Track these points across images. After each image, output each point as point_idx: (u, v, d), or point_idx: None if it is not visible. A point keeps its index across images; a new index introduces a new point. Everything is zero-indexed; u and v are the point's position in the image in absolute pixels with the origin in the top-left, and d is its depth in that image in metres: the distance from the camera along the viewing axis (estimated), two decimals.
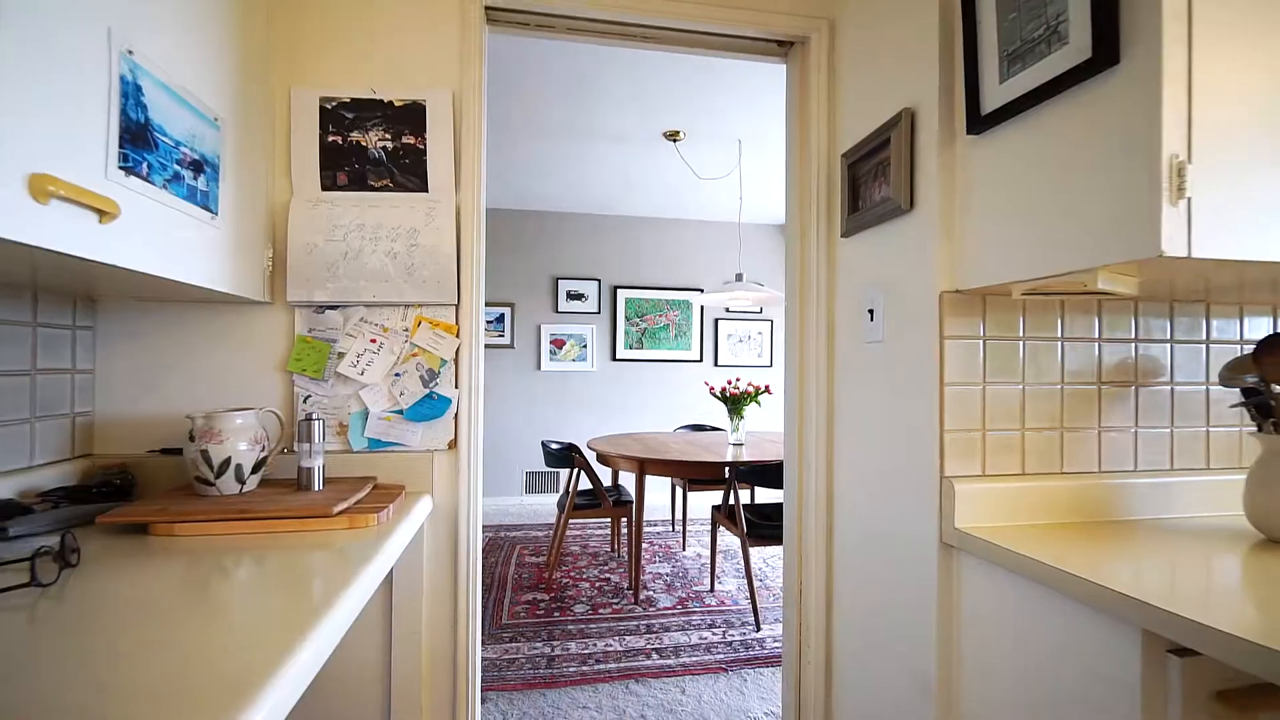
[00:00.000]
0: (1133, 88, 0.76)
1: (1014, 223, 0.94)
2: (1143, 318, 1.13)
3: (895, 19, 1.20)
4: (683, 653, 2.45)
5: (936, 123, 1.07)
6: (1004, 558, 0.92)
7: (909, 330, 1.13)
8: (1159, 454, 1.13)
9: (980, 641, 0.99)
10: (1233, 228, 0.73)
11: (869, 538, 1.27)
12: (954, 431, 1.05)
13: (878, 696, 1.23)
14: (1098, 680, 0.78)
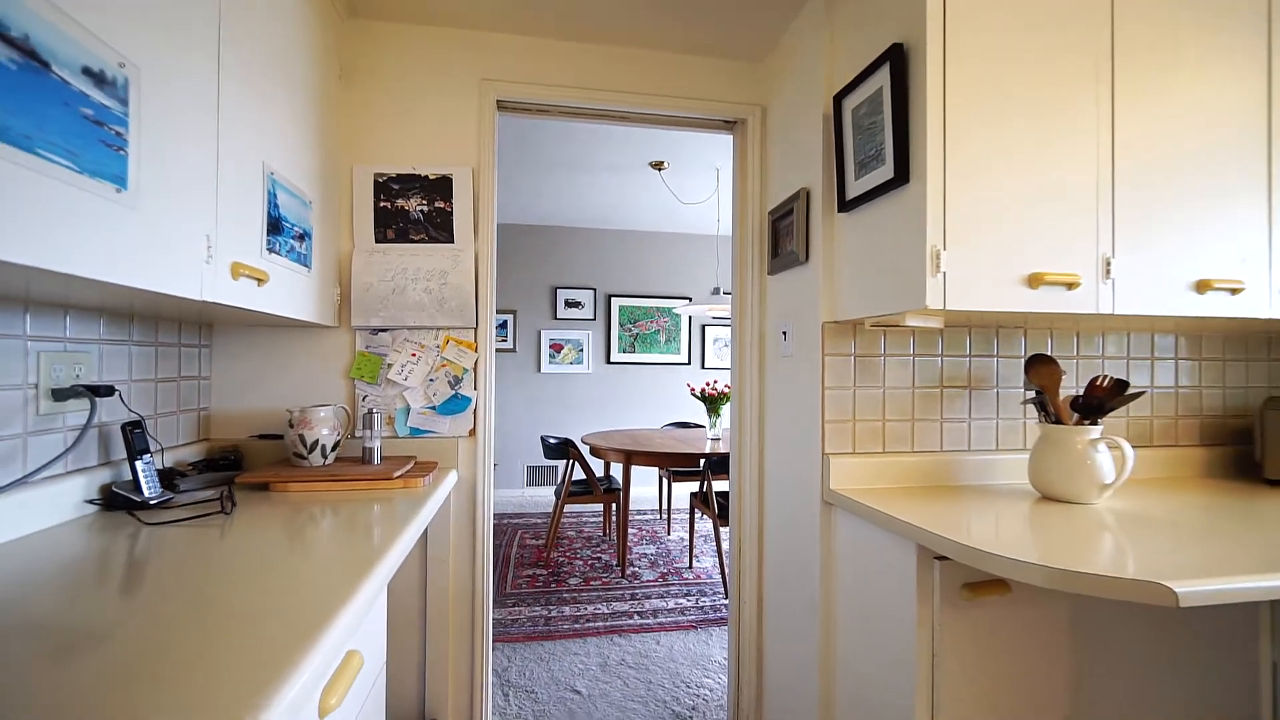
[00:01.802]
0: (915, 199, 1.18)
1: (861, 276, 1.36)
2: (969, 339, 1.56)
3: (800, 121, 1.63)
4: (660, 615, 2.88)
5: (822, 200, 1.50)
6: (857, 508, 1.34)
7: (805, 348, 1.56)
8: (987, 438, 1.56)
9: (845, 568, 1.41)
10: (967, 290, 1.15)
11: (783, 504, 1.69)
12: (832, 421, 1.48)
13: (790, 623, 1.65)
14: (897, 579, 1.21)
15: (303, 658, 0.58)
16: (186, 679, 0.54)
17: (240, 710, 0.49)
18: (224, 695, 0.51)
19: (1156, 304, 1.25)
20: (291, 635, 0.63)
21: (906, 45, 1.21)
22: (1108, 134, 1.23)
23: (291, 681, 0.54)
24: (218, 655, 0.59)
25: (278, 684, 0.53)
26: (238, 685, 0.53)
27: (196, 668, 0.56)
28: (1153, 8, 1.25)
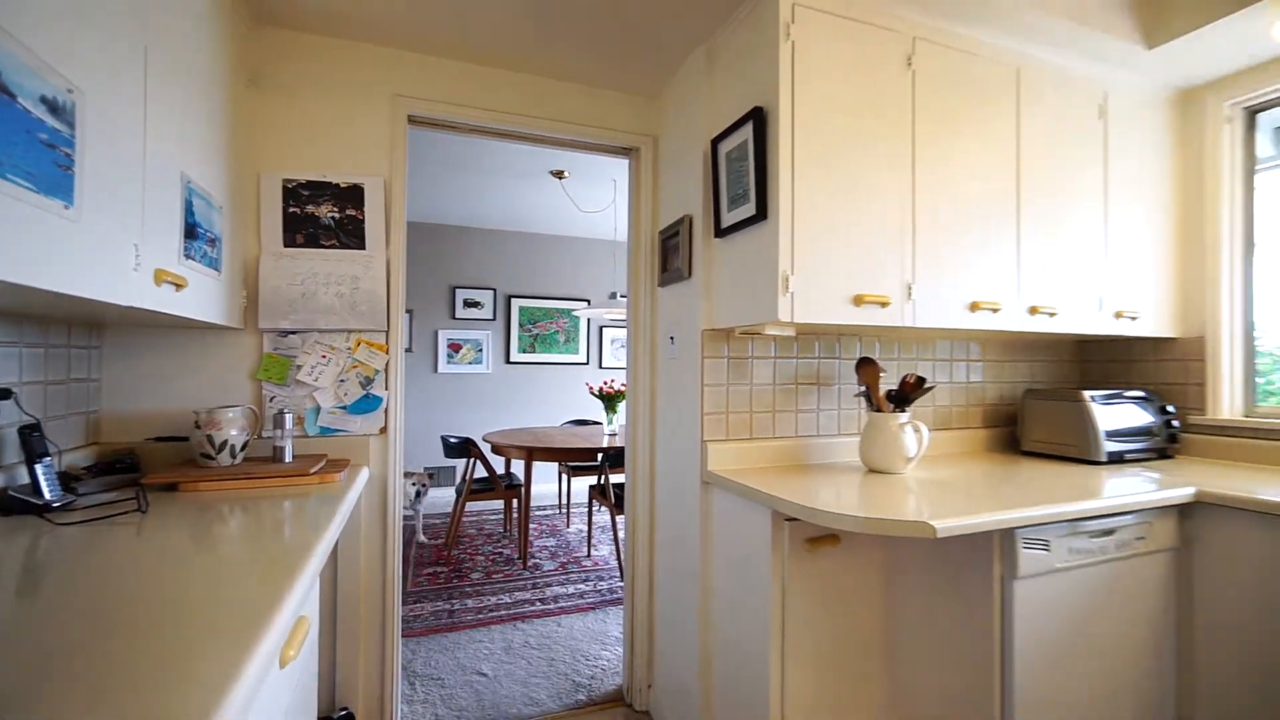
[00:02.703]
0: (770, 233, 1.48)
1: (732, 292, 1.65)
2: (817, 344, 1.92)
3: (685, 156, 1.89)
4: (561, 600, 3.06)
5: (702, 226, 1.77)
6: (729, 485, 1.62)
7: (689, 351, 1.83)
8: (831, 424, 1.92)
9: (719, 536, 1.69)
10: (810, 307, 1.47)
11: (671, 486, 1.95)
12: (710, 414, 1.76)
13: (676, 589, 1.91)
14: (757, 539, 1.50)
15: (276, 615, 0.72)
16: (187, 645, 0.67)
17: (240, 651, 0.62)
18: (224, 644, 0.64)
19: (944, 319, 1.65)
20: (261, 602, 0.75)
21: (765, 108, 1.50)
22: (910, 188, 1.60)
23: (271, 634, 0.68)
24: (207, 625, 0.71)
25: (261, 636, 0.66)
26: (235, 638, 0.66)
27: (193, 636, 0.69)
28: (939, 95, 1.64)
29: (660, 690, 2.01)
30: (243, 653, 0.62)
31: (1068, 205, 1.84)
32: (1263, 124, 1.97)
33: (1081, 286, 1.86)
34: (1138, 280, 1.97)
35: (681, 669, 1.84)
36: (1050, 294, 1.80)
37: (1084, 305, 1.86)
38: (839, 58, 1.53)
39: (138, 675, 0.57)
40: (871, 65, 1.56)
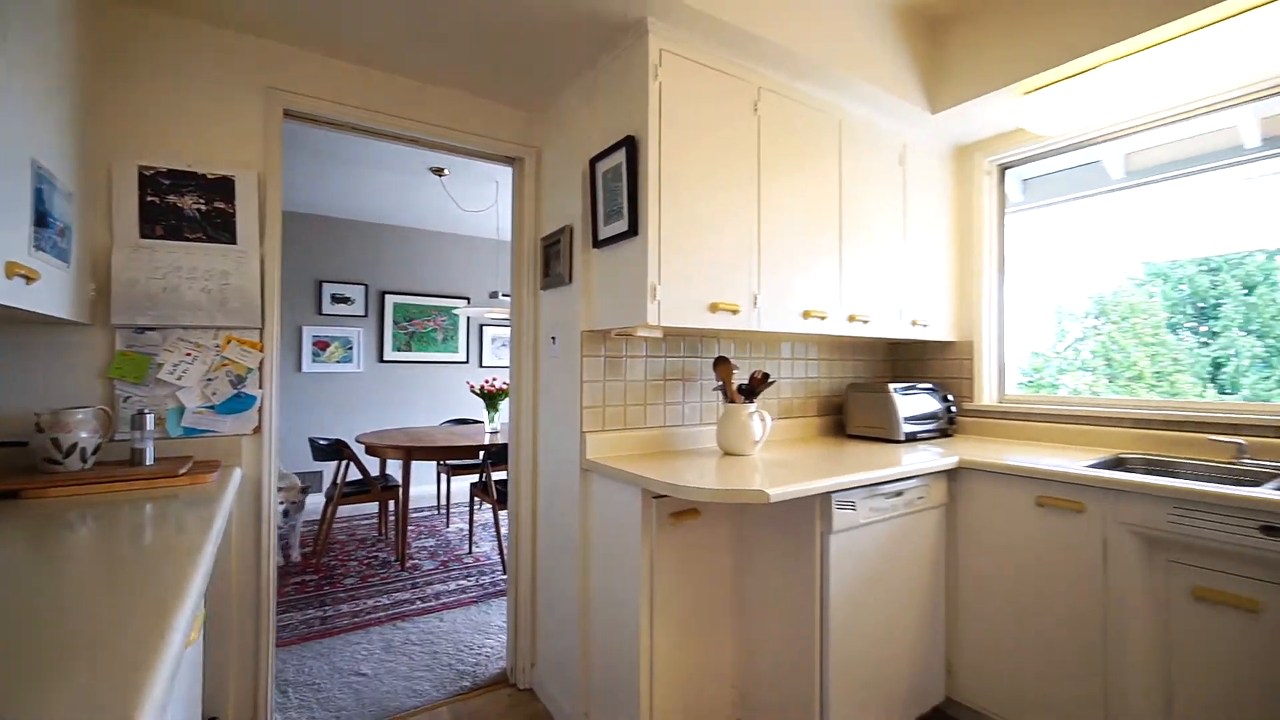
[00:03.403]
0: (640, 247, 1.69)
1: (608, 297, 1.85)
2: (683, 344, 2.18)
3: (567, 171, 2.06)
4: (443, 596, 3.09)
5: (581, 237, 1.95)
6: (606, 470, 1.81)
7: (569, 351, 2.00)
8: (694, 415, 2.19)
9: (597, 517, 1.88)
10: (674, 313, 1.71)
11: (553, 475, 2.11)
12: (589, 407, 1.94)
13: (559, 572, 2.07)
14: (629, 516, 1.71)
15: (184, 603, 0.77)
16: (119, 631, 0.72)
17: (159, 633, 0.69)
18: (147, 625, 0.70)
19: (783, 324, 1.97)
20: (168, 595, 0.77)
21: (636, 138, 1.72)
22: (756, 213, 1.90)
23: (182, 617, 0.73)
24: (122, 618, 0.75)
25: (176, 622, 0.71)
26: (154, 621, 0.72)
27: (116, 625, 0.73)
28: (780, 137, 1.97)
29: (543, 667, 2.16)
30: (143, 677, 0.57)
31: (877, 233, 2.27)
32: (1011, 177, 2.56)
33: (888, 299, 2.30)
34: (928, 295, 2.47)
35: (563, 643, 2.01)
36: (865, 305, 2.21)
37: (890, 314, 2.31)
38: (699, 99, 1.78)
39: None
40: (726, 107, 1.84)
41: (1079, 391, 2.52)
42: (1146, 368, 2.44)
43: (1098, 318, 2.58)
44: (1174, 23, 1.66)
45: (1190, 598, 1.50)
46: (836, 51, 1.96)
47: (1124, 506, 1.59)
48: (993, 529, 1.88)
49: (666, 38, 1.71)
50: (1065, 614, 1.70)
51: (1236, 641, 1.43)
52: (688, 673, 1.76)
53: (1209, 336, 2.35)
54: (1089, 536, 1.65)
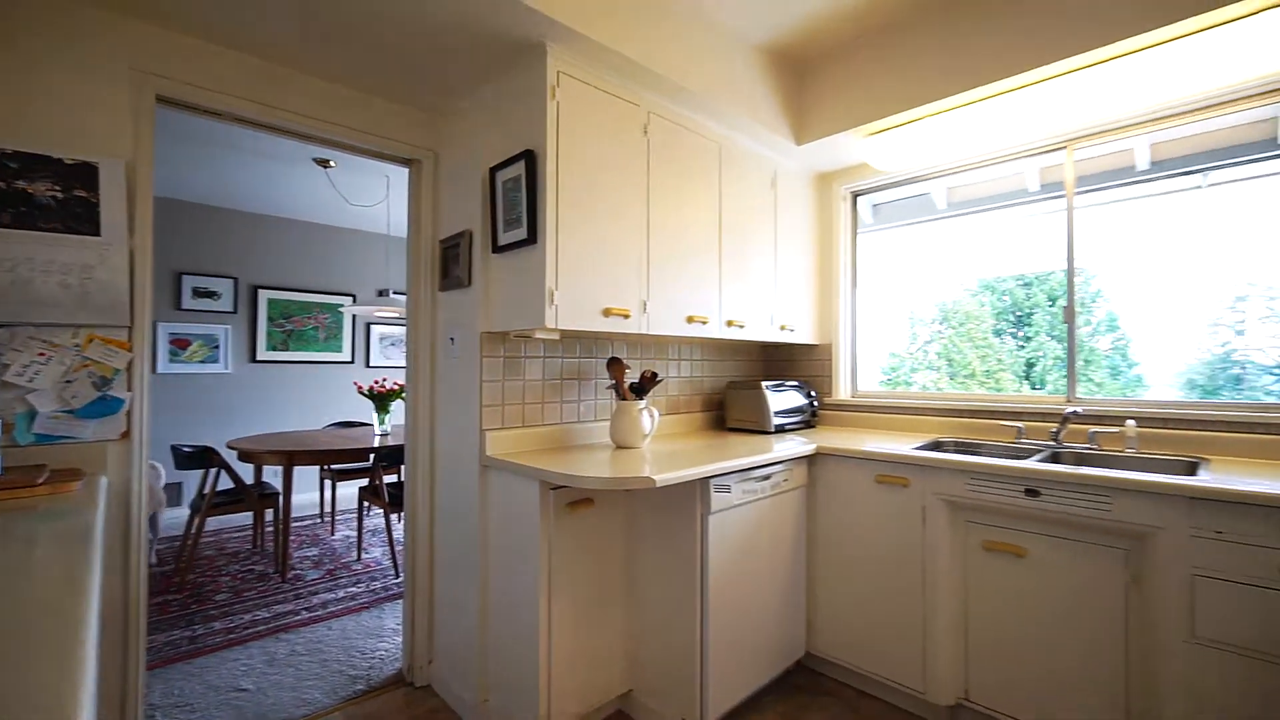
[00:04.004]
0: (539, 255, 1.81)
1: (508, 301, 1.94)
2: (579, 346, 2.32)
3: (467, 176, 2.12)
4: (330, 605, 2.98)
5: (480, 241, 2.03)
6: (505, 465, 1.91)
7: (469, 351, 2.07)
8: (590, 412, 2.34)
9: (496, 510, 1.97)
10: (570, 317, 1.84)
11: (452, 472, 2.16)
12: (489, 406, 2.02)
13: (457, 567, 2.13)
14: (529, 507, 1.82)
15: (85, 644, 0.79)
16: None
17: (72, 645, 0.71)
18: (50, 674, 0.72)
19: (670, 328, 2.18)
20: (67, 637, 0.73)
21: (535, 151, 1.83)
22: (645, 227, 2.09)
23: (89, 633, 0.74)
24: None
25: (84, 639, 0.73)
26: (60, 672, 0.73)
27: None
28: (667, 158, 2.17)
29: (441, 662, 2.20)
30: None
31: (752, 248, 2.55)
32: (863, 202, 2.97)
33: (761, 307, 2.59)
34: (795, 304, 2.81)
35: (462, 636, 2.07)
36: (741, 312, 2.48)
37: (762, 321, 2.60)
38: (594, 119, 1.93)
39: None
40: (619, 128, 2.01)
41: (927, 387, 2.98)
42: (978, 367, 2.94)
43: (941, 323, 3.06)
44: (978, 89, 2.07)
45: (981, 548, 1.89)
46: (719, 87, 2.20)
47: (937, 480, 1.96)
48: (843, 503, 2.21)
49: (564, 61, 1.84)
50: (895, 568, 2.05)
51: (1011, 578, 1.83)
52: (583, 652, 1.90)
53: (1024, 340, 2.89)
54: (912, 504, 2.01)
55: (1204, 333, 2.25)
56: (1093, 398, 2.27)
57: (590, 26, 1.77)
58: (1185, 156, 2.22)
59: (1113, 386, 2.49)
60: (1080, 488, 1.68)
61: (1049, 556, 1.76)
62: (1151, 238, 2.32)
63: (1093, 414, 2.17)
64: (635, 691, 2.02)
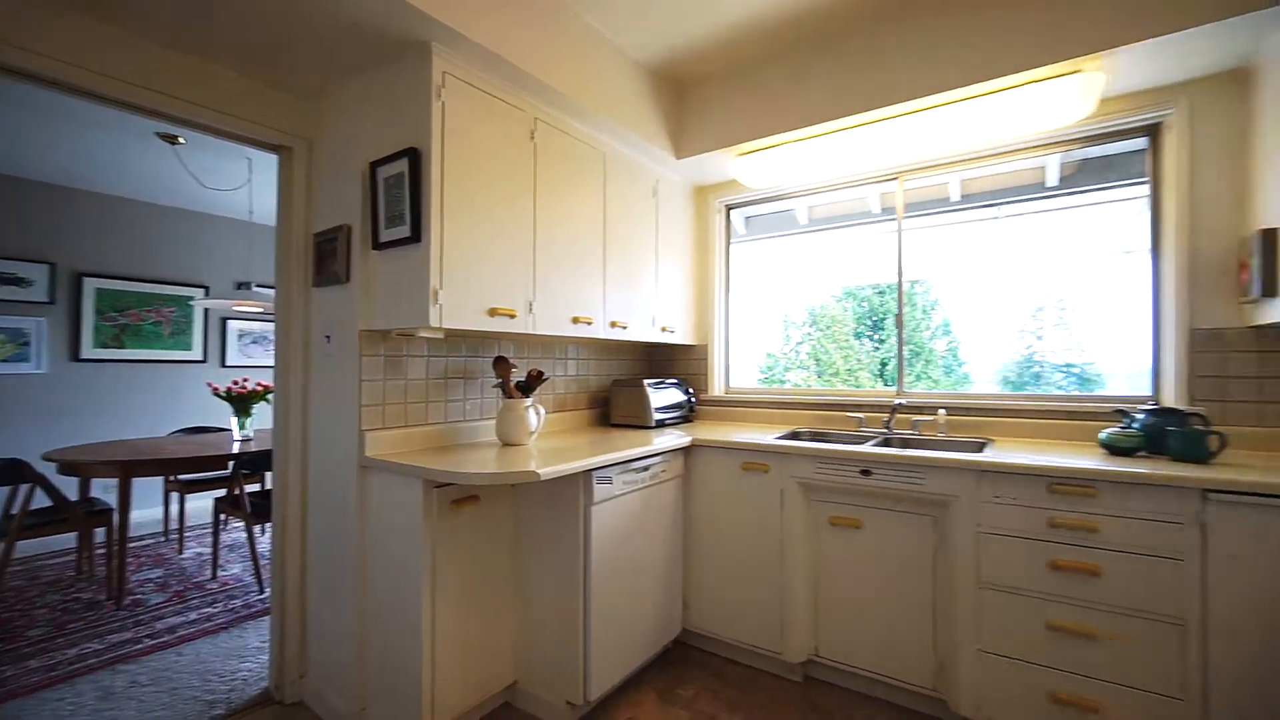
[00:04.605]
0: (423, 254, 1.81)
1: (389, 299, 1.92)
2: (464, 345, 2.34)
3: (346, 169, 2.05)
4: (180, 629, 2.71)
5: (360, 237, 1.98)
6: (387, 465, 1.88)
7: (346, 350, 2.00)
8: (476, 411, 2.36)
9: (376, 512, 1.93)
10: (455, 316, 1.87)
11: (326, 475, 2.08)
12: (368, 405, 1.98)
13: (330, 576, 2.05)
14: (411, 506, 1.81)
15: None
16: None
17: None
18: None
19: (556, 328, 2.26)
20: None
21: (420, 150, 1.83)
22: (532, 229, 2.15)
23: None
24: None
25: None
26: None
27: None
28: (554, 164, 2.25)
29: (314, 675, 2.11)
30: None
31: (634, 253, 2.70)
32: (737, 214, 3.25)
33: (643, 309, 2.75)
34: (675, 306, 3.00)
35: (337, 645, 2.01)
36: (624, 313, 2.62)
37: (644, 322, 2.76)
38: (481, 122, 1.96)
39: None
40: (506, 132, 2.05)
41: (799, 385, 3.30)
42: (841, 366, 3.31)
43: (810, 326, 3.40)
44: (821, 124, 2.37)
45: (828, 523, 2.18)
46: (604, 99, 2.31)
47: (792, 465, 2.22)
48: (714, 490, 2.42)
49: (450, 62, 1.86)
50: (758, 545, 2.29)
51: (851, 547, 2.13)
52: (469, 649, 1.93)
53: (879, 342, 3.29)
54: (772, 488, 2.26)
55: (1013, 337, 2.74)
56: (915, 391, 2.68)
57: (478, 31, 1.81)
58: (985, 192, 2.69)
59: (946, 382, 2.93)
60: (900, 466, 2.00)
61: (879, 526, 2.08)
62: (968, 256, 2.78)
63: (915, 405, 2.56)
64: (521, 682, 2.08)
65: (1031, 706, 1.77)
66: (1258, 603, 1.51)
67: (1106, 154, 2.38)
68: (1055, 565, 1.73)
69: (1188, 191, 2.05)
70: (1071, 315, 2.61)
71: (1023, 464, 1.79)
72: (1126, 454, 1.87)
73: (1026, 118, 2.13)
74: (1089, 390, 2.46)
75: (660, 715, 2.05)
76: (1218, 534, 1.55)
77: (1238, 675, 1.52)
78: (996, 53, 2.01)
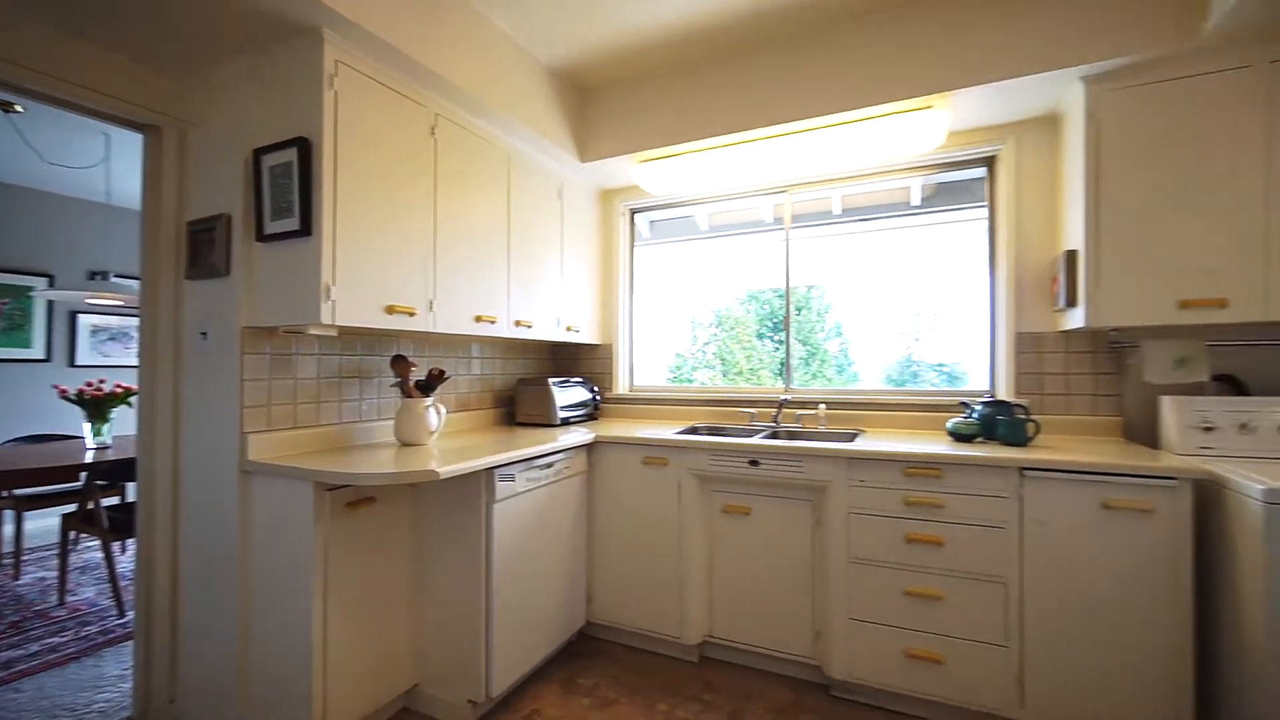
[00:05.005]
0: (314, 248, 1.75)
1: (276, 294, 1.83)
2: (359, 343, 2.26)
3: (226, 155, 1.93)
4: (19, 664, 2.40)
5: (242, 228, 1.87)
6: (272, 469, 1.79)
7: (225, 347, 1.88)
8: (372, 411, 2.29)
9: (260, 518, 1.83)
10: (350, 313, 1.82)
11: (201, 483, 1.94)
12: (251, 407, 1.87)
13: (207, 589, 1.91)
14: (301, 511, 1.74)
15: None
16: None
17: None
18: None
19: (458, 327, 2.25)
20: None
21: (311, 140, 1.76)
22: (433, 226, 2.13)
23: None
24: None
25: None
26: None
27: None
28: (456, 161, 2.24)
29: (187, 697, 1.96)
30: None
31: (540, 253, 2.73)
32: (641, 218, 3.37)
33: (548, 308, 2.79)
34: (580, 306, 3.07)
35: (216, 664, 1.88)
36: (529, 312, 2.65)
37: (550, 321, 2.80)
38: (379, 114, 1.92)
39: None
40: (405, 127, 2.02)
41: (706, 384, 3.44)
42: (745, 365, 3.49)
43: (716, 327, 3.56)
44: (711, 138, 2.53)
45: (721, 511, 2.33)
46: (508, 99, 2.33)
47: (689, 458, 2.36)
48: (617, 484, 2.51)
49: (344, 50, 1.81)
50: (657, 536, 2.41)
51: (741, 533, 2.30)
52: (365, 655, 1.88)
53: (779, 343, 3.51)
54: (671, 480, 2.39)
55: (895, 339, 3.04)
56: (800, 388, 2.92)
57: (373, 21, 1.77)
58: (863, 207, 2.98)
59: (839, 380, 3.19)
60: (783, 456, 2.20)
61: (766, 512, 2.26)
62: (853, 265, 3.06)
63: (799, 401, 2.80)
64: (421, 684, 2.05)
65: (891, 664, 2.01)
66: (1057, 559, 1.81)
67: (959, 179, 2.73)
68: (909, 538, 1.98)
69: (1015, 216, 2.41)
70: (942, 320, 2.96)
71: (883, 451, 2.03)
72: (967, 440, 2.16)
73: (891, 144, 2.40)
74: (956, 386, 2.80)
75: (562, 705, 2.11)
76: (1030, 504, 1.85)
77: (1045, 620, 1.82)
78: (861, 86, 2.26)
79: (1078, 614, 1.78)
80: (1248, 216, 1.81)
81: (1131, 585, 1.72)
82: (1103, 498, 1.76)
